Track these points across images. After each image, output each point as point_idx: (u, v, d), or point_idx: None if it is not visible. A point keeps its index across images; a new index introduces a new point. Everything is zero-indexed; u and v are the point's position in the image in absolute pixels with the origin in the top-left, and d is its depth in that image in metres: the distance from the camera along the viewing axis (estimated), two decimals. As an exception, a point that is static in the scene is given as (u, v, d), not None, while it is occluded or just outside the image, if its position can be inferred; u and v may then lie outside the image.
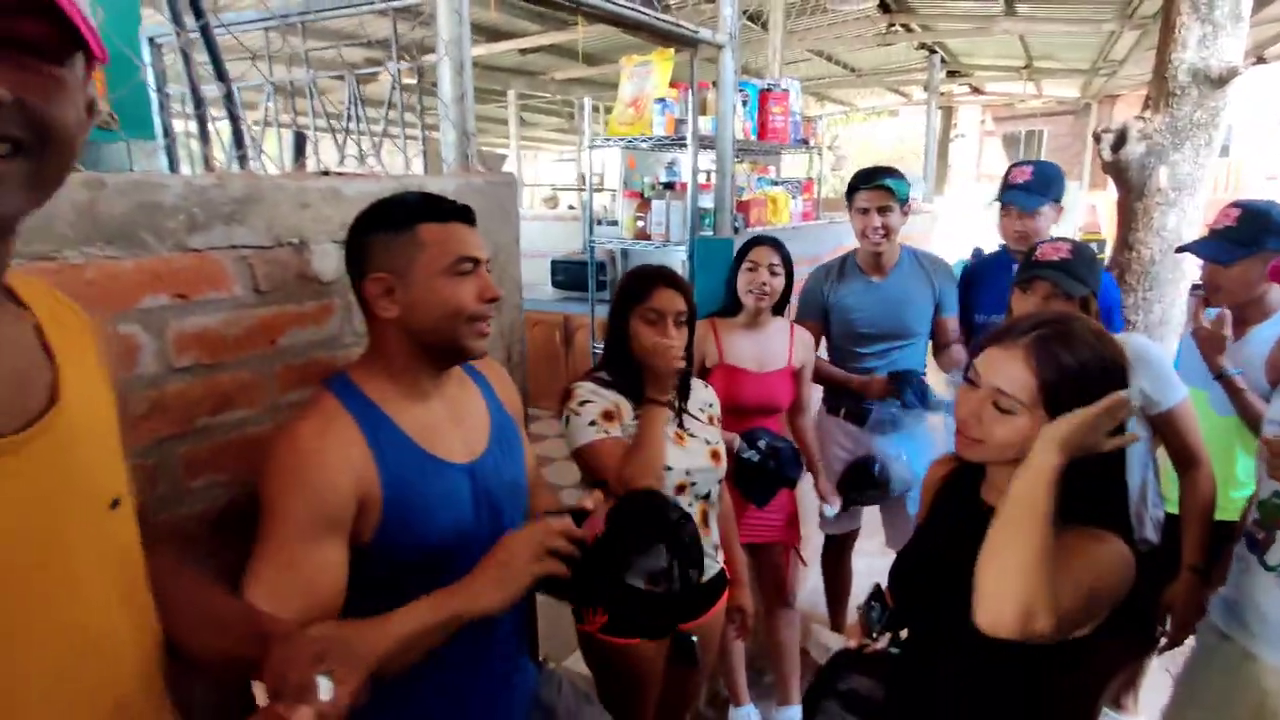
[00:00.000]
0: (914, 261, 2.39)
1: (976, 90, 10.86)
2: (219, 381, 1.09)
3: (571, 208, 7.17)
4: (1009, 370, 1.04)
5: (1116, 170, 2.75)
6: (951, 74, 9.24)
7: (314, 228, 1.18)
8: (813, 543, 2.95)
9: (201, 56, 1.36)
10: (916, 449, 2.33)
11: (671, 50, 2.64)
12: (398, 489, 1.01)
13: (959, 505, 1.20)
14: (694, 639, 1.59)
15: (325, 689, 0.74)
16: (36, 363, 0.65)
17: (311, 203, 1.17)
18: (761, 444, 2.03)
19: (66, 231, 0.91)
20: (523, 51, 6.73)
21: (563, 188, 8.45)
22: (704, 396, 1.71)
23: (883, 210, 2.25)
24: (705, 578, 1.63)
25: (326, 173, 1.23)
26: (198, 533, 1.08)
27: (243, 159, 1.28)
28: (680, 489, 1.55)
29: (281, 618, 0.86)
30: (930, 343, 2.45)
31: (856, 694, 1.24)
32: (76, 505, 0.66)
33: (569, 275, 5.35)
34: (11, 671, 0.60)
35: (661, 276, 1.57)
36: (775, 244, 2.14)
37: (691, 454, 1.58)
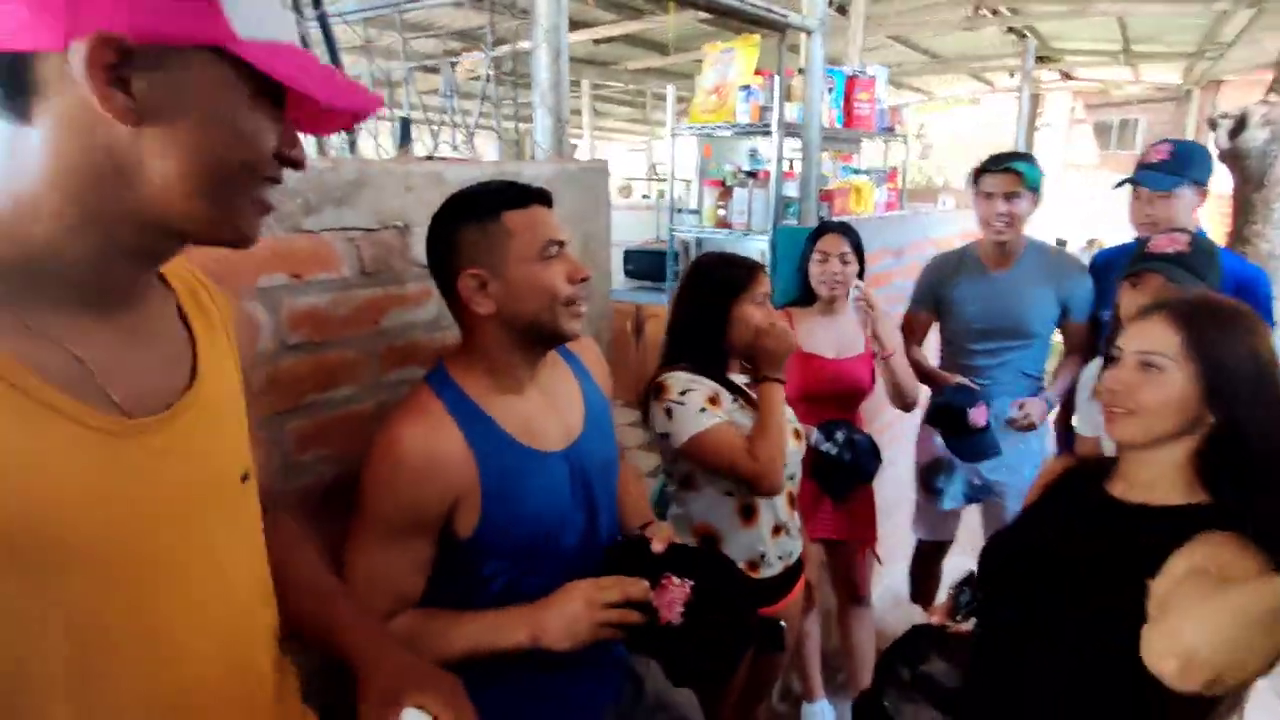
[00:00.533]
0: (1040, 256, 2.23)
1: (1067, 76, 10.35)
2: (326, 359, 1.13)
3: (645, 197, 7.17)
4: (1150, 332, 1.03)
5: (1234, 158, 2.58)
6: (1040, 59, 8.84)
7: (417, 211, 1.20)
8: (888, 542, 2.88)
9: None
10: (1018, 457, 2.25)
11: (757, 36, 2.60)
12: (497, 486, 1.03)
13: (1077, 499, 1.15)
14: (782, 624, 1.58)
15: None
16: (179, 342, 0.68)
17: (415, 186, 1.20)
18: (839, 436, 1.98)
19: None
20: (596, 41, 6.75)
21: (636, 177, 8.45)
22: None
23: (1010, 196, 2.11)
24: (790, 562, 1.63)
25: (430, 158, 1.25)
26: (303, 506, 1.12)
27: (353, 144, 1.32)
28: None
29: (370, 618, 0.89)
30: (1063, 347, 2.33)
31: (931, 679, 1.20)
32: (213, 480, 0.69)
33: (641, 265, 5.35)
34: (174, 641, 0.62)
35: (757, 264, 1.60)
36: (844, 230, 2.09)
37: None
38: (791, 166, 2.74)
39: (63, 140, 0.52)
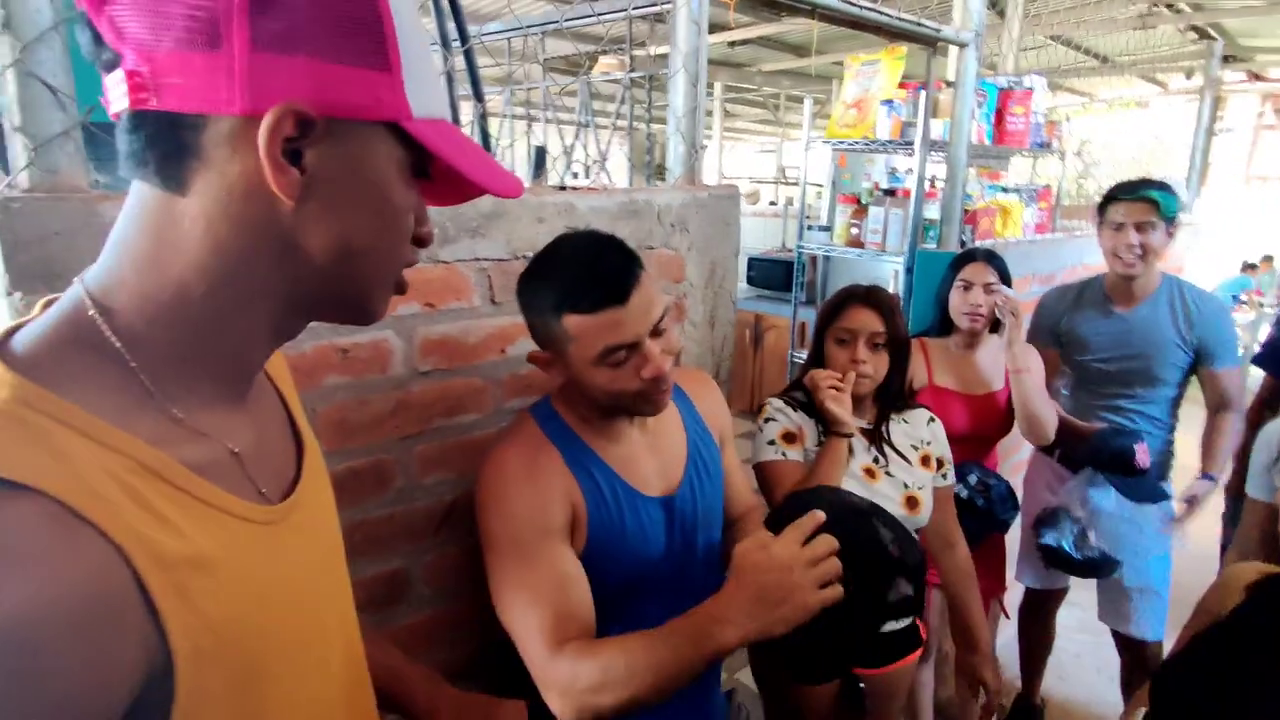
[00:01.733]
0: (1174, 295, 2.03)
1: (1255, 77, 9.27)
2: (453, 385, 1.16)
3: (772, 203, 7.03)
4: None
5: None
6: (1226, 59, 7.97)
7: (547, 240, 1.21)
8: (1015, 590, 2.68)
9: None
10: (1137, 535, 2.02)
11: (903, 48, 2.46)
12: (601, 515, 1.01)
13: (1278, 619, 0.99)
14: (861, 685, 1.49)
15: None
16: (279, 410, 0.66)
17: (547, 217, 1.21)
18: (972, 479, 1.86)
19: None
20: (731, 44, 6.66)
21: (764, 180, 8.31)
22: (921, 432, 1.56)
23: (1142, 227, 1.93)
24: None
25: (563, 188, 1.26)
26: (423, 529, 1.16)
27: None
28: None
29: (416, 665, 0.87)
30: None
31: None
32: (336, 547, 0.68)
33: (764, 273, 5.26)
34: (320, 699, 0.61)
35: (857, 294, 1.47)
36: (990, 257, 1.95)
37: (879, 495, 1.44)
38: (933, 185, 2.58)
39: (220, 215, 0.48)
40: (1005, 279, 1.93)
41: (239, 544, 0.51)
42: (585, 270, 0.93)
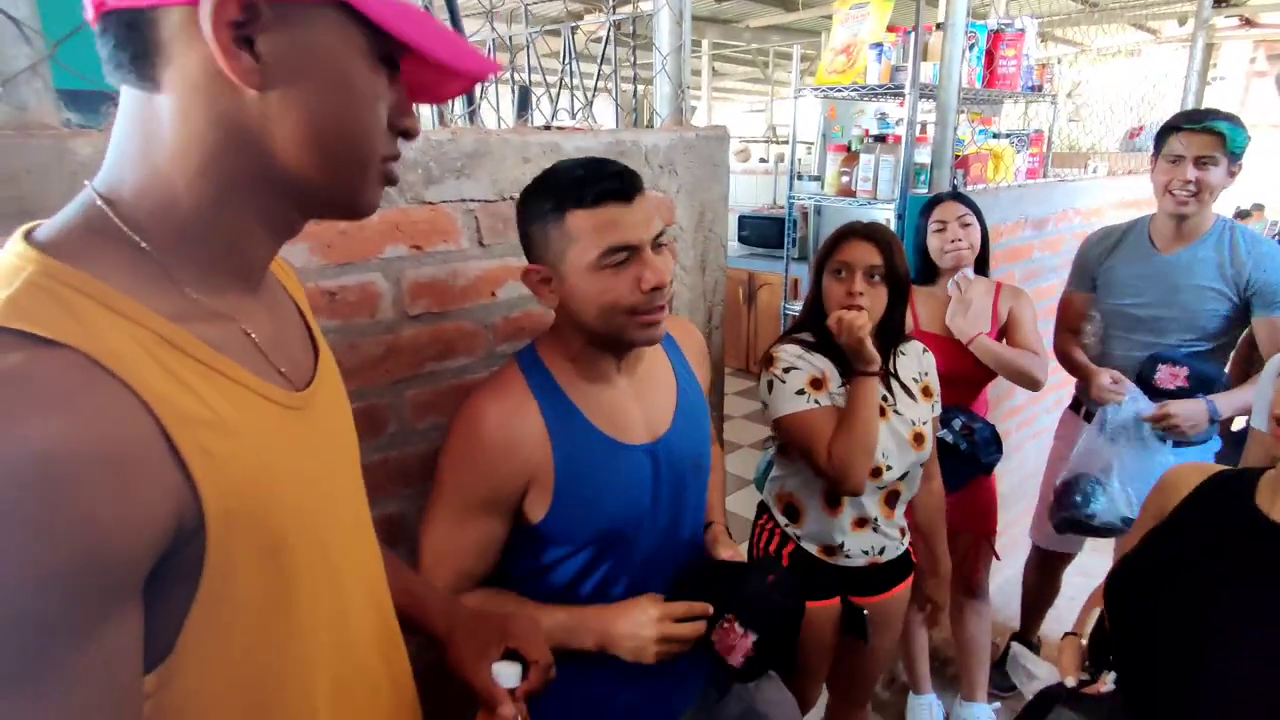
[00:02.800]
0: (1224, 239, 1.89)
1: (1248, 23, 9.16)
2: (444, 329, 1.15)
3: (762, 160, 6.96)
4: None
5: None
6: (1219, 3, 7.86)
7: (533, 182, 1.19)
8: (1007, 534, 2.72)
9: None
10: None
11: (892, -10, 2.42)
12: (571, 473, 1.00)
13: (1223, 518, 1.02)
14: (865, 611, 1.52)
15: (510, 676, 0.79)
16: (295, 314, 0.69)
17: (533, 157, 1.19)
18: (956, 424, 1.88)
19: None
20: (719, -1, 6.54)
21: (754, 139, 8.21)
22: (919, 364, 1.57)
23: (1202, 162, 1.78)
24: (887, 559, 1.54)
25: (547, 127, 1.23)
26: (418, 473, 1.16)
27: (472, 115, 1.32)
28: (875, 473, 1.43)
29: (450, 595, 0.92)
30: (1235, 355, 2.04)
31: None
32: (351, 449, 0.71)
33: (756, 231, 5.23)
34: (352, 613, 0.65)
35: (855, 229, 1.45)
36: (957, 196, 1.97)
37: (891, 433, 1.46)
38: (924, 131, 2.55)
39: (190, 107, 0.50)
40: (977, 212, 1.95)
41: (260, 419, 0.53)
42: (590, 171, 0.93)
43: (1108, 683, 1.03)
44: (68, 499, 0.40)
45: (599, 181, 0.92)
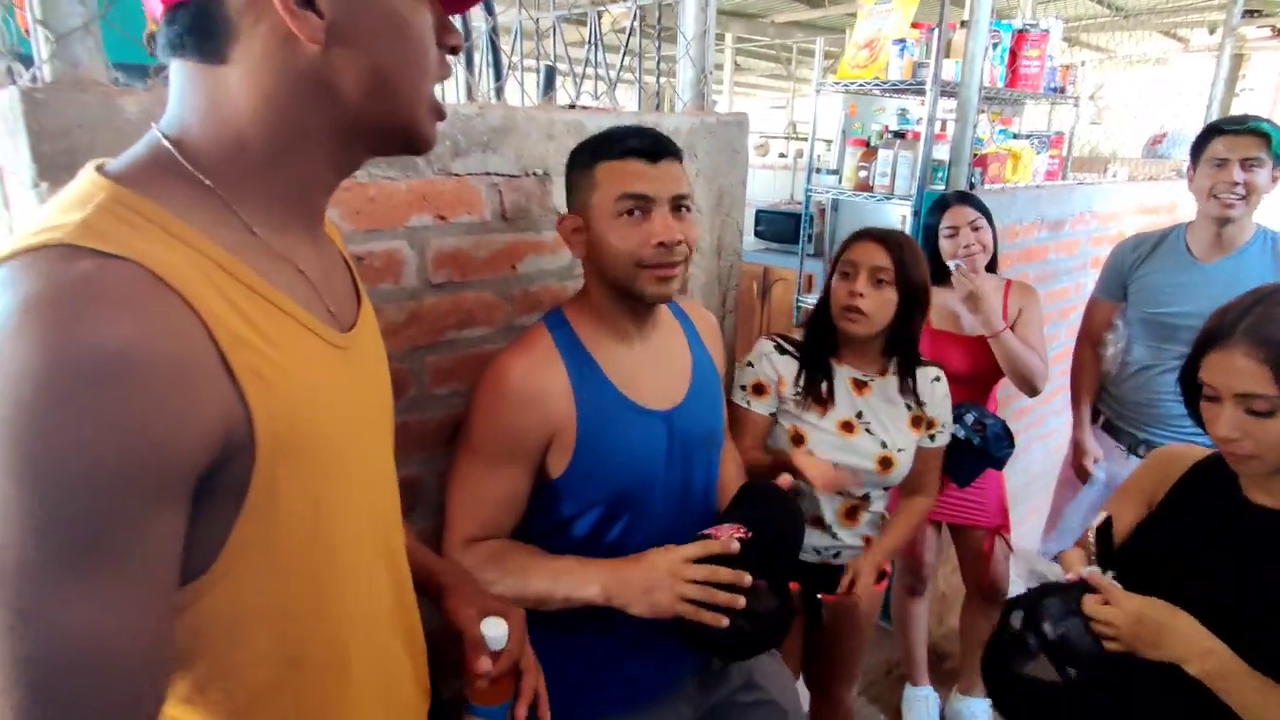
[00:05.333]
0: (1266, 248, 1.86)
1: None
2: (465, 299, 1.18)
3: (782, 155, 6.96)
4: (1235, 369, 0.95)
5: None
6: (1249, 13, 7.76)
7: (556, 159, 1.22)
8: (1015, 532, 2.73)
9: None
10: None
11: (918, -14, 2.43)
12: (592, 430, 1.04)
13: (1210, 505, 1.05)
14: (819, 596, 1.54)
15: (497, 639, 0.81)
16: (340, 260, 0.72)
17: (557, 135, 1.22)
18: (968, 418, 1.89)
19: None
20: (745, -8, 6.53)
21: (774, 135, 8.20)
22: (924, 392, 1.52)
23: (1249, 164, 1.76)
24: (841, 562, 1.52)
25: (571, 106, 1.26)
26: (436, 438, 1.19)
27: (499, 91, 1.35)
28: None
29: (450, 562, 0.96)
30: None
31: (1067, 642, 1.07)
32: (385, 391, 0.75)
33: (773, 226, 5.23)
34: (369, 533, 0.68)
35: (869, 231, 1.44)
36: (966, 198, 1.96)
37: (853, 451, 1.44)
38: (944, 128, 2.56)
39: (260, 73, 0.53)
40: (985, 213, 1.95)
41: (307, 352, 0.57)
42: (626, 131, 1.03)
43: (1108, 578, 1.06)
44: (130, 397, 0.43)
45: (631, 139, 1.00)
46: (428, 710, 0.81)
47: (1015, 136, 2.86)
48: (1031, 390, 1.93)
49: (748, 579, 0.97)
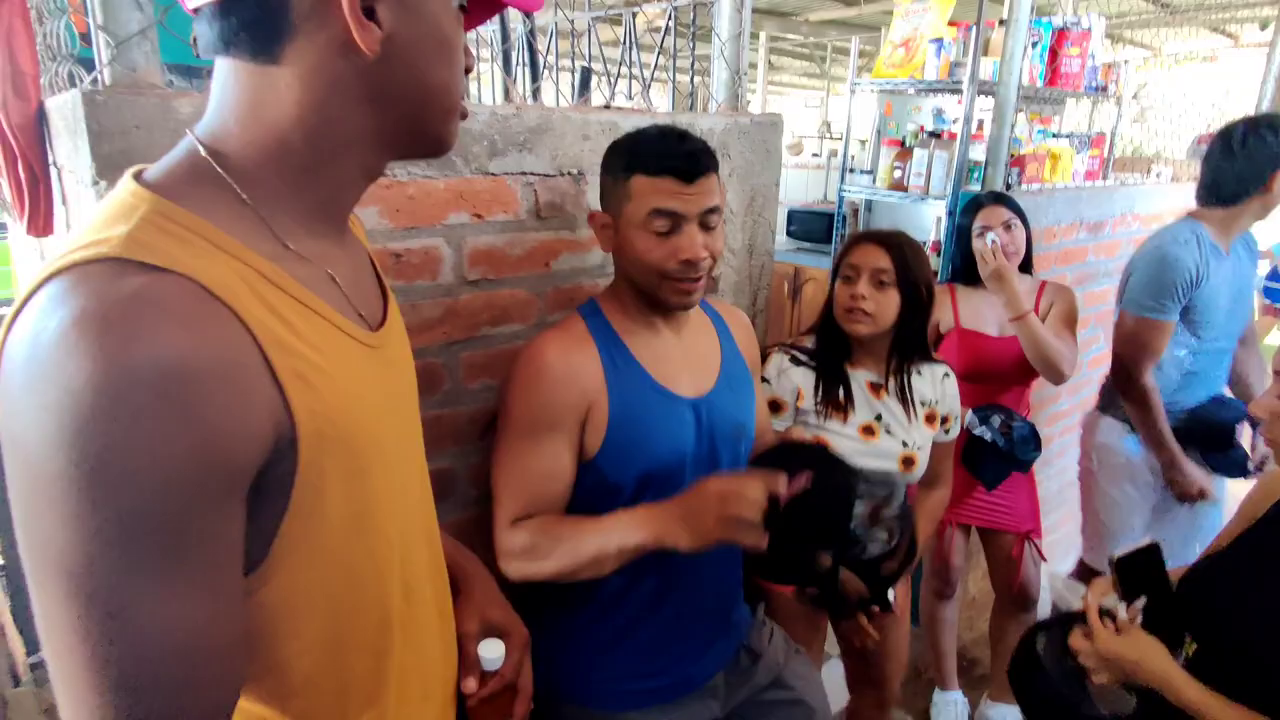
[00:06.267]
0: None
1: (1336, 30, 8.74)
2: (499, 296, 1.20)
3: (815, 154, 6.91)
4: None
5: None
6: (1303, 9, 7.51)
7: (591, 159, 1.24)
8: (1049, 538, 2.69)
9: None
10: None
11: (956, -16, 2.41)
12: (624, 411, 1.06)
13: None
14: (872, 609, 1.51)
15: (493, 660, 0.82)
16: (366, 259, 0.74)
17: (592, 135, 1.23)
18: (995, 421, 1.88)
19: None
20: (780, -10, 6.50)
21: (808, 135, 8.15)
22: (934, 389, 1.53)
23: None
24: (867, 557, 1.50)
25: (607, 106, 1.28)
26: (468, 432, 1.22)
27: (535, 92, 1.37)
28: None
29: (471, 560, 0.95)
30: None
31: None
32: (413, 389, 0.77)
33: (804, 226, 5.20)
34: (407, 521, 0.70)
35: (869, 234, 1.44)
36: (998, 198, 1.94)
37: (876, 454, 1.44)
38: (980, 128, 2.54)
39: (312, 77, 0.54)
40: (1020, 213, 1.93)
41: (343, 353, 0.59)
42: (666, 143, 1.02)
43: (1136, 610, 1.07)
44: (192, 405, 0.45)
45: (669, 156, 1.01)
46: (455, 692, 0.83)
47: (1055, 136, 2.82)
48: (1058, 377, 1.87)
49: (784, 480, 0.94)
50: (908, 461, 1.47)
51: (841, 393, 1.45)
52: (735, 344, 1.23)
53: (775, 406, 1.45)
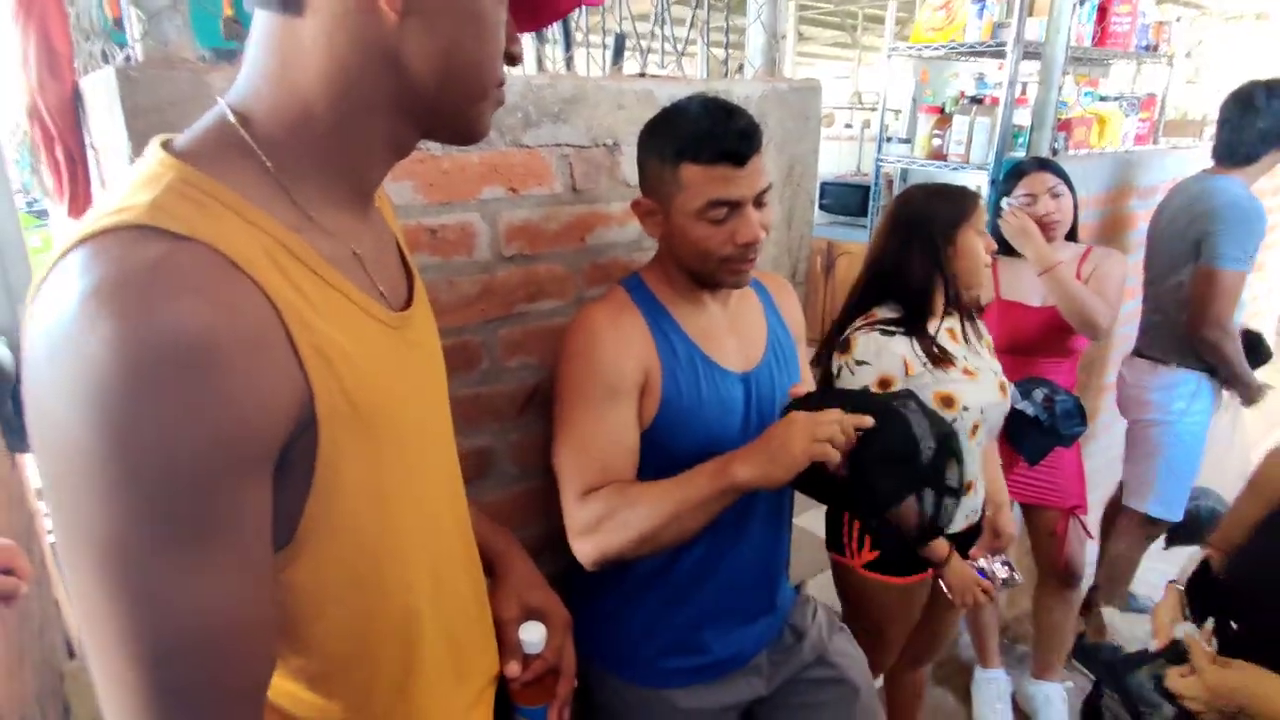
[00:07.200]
0: None
1: (1400, -18, 8.29)
2: (536, 271, 1.18)
3: (848, 125, 6.76)
4: None
5: None
6: (1365, -39, 7.14)
7: (626, 129, 1.21)
8: (1095, 513, 2.62)
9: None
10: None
11: (999, -59, 2.30)
12: (677, 382, 1.05)
13: None
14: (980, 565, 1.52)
15: (534, 643, 0.82)
16: (391, 238, 0.72)
17: (627, 104, 1.20)
18: (1038, 395, 1.83)
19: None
20: (810, -43, 6.34)
21: (840, 106, 7.97)
22: (981, 325, 1.57)
23: None
24: (976, 520, 1.53)
25: (641, 74, 1.24)
26: (507, 410, 1.21)
27: (569, 62, 1.34)
28: (975, 429, 1.42)
29: (507, 542, 0.94)
30: None
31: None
32: (440, 370, 0.75)
33: (838, 199, 5.11)
34: (432, 501, 0.69)
35: (972, 190, 1.46)
36: (1045, 164, 1.89)
37: (983, 388, 1.44)
38: (1024, 92, 2.44)
39: (334, 31, 0.53)
40: (1066, 179, 1.88)
41: (362, 332, 0.57)
42: (714, 125, 0.96)
43: (1209, 632, 1.02)
44: (215, 377, 0.44)
45: (719, 140, 0.95)
46: (496, 675, 0.82)
47: (1102, 99, 2.71)
48: (1094, 331, 1.83)
49: (869, 420, 0.93)
50: (1003, 388, 1.49)
51: (937, 347, 1.43)
52: (780, 314, 1.22)
53: (885, 384, 1.39)
